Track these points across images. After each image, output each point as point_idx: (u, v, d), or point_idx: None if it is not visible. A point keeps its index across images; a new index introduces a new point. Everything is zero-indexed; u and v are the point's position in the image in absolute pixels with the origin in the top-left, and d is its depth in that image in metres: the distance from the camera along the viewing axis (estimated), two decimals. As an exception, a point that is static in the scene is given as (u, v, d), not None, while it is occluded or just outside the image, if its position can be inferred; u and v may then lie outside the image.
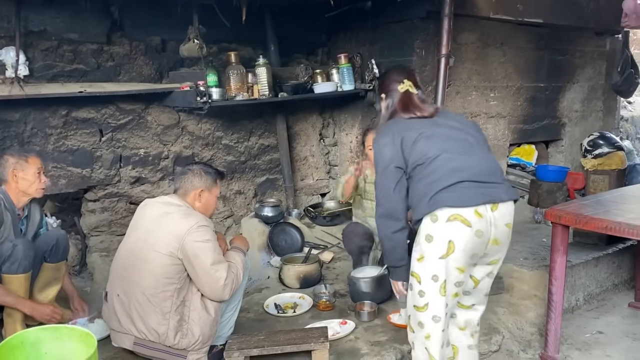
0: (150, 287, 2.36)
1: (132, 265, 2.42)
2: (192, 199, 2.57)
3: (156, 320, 2.36)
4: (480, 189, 2.05)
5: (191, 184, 2.57)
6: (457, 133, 2.22)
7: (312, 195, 4.92)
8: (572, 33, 5.14)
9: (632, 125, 8.27)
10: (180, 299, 2.40)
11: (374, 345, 2.76)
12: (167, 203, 2.53)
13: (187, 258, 2.37)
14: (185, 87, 3.70)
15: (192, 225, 2.39)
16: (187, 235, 2.37)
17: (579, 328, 3.30)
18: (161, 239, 2.38)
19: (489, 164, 2.16)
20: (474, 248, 2.07)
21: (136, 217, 2.58)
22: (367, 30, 4.49)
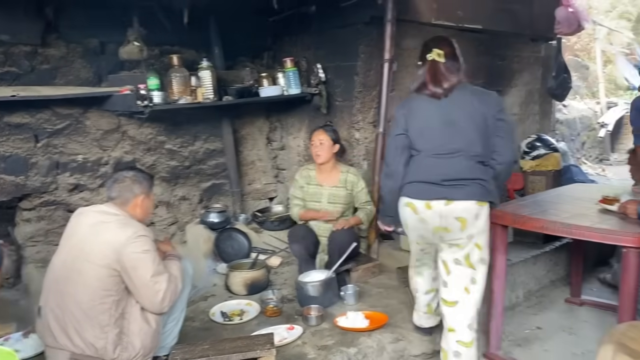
0: (86, 299, 2.26)
1: (67, 278, 2.31)
2: (133, 206, 2.46)
3: (94, 334, 2.26)
4: (437, 188, 2.47)
5: (131, 192, 2.47)
6: (449, 130, 2.51)
7: (259, 200, 4.88)
8: (510, 39, 5.33)
9: (567, 127, 8.67)
10: (119, 311, 2.30)
11: (321, 349, 2.76)
12: (103, 212, 2.41)
13: (125, 270, 2.28)
14: (125, 91, 3.59)
15: (130, 235, 2.30)
16: (125, 246, 2.27)
17: (520, 324, 3.42)
18: (97, 249, 2.28)
19: (460, 170, 2.49)
20: (418, 230, 2.59)
21: (70, 227, 2.45)
22: (312, 34, 4.50)
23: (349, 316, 3.05)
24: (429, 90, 2.55)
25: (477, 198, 2.48)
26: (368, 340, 2.86)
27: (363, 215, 3.76)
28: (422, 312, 2.94)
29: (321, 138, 3.71)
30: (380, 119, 3.93)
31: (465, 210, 2.46)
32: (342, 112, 4.39)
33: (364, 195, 3.80)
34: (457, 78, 2.56)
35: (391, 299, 3.41)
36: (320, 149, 3.70)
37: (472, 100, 2.53)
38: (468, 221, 2.47)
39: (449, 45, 2.64)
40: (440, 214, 2.47)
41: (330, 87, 4.39)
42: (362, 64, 4.22)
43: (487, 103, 2.55)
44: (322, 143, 3.70)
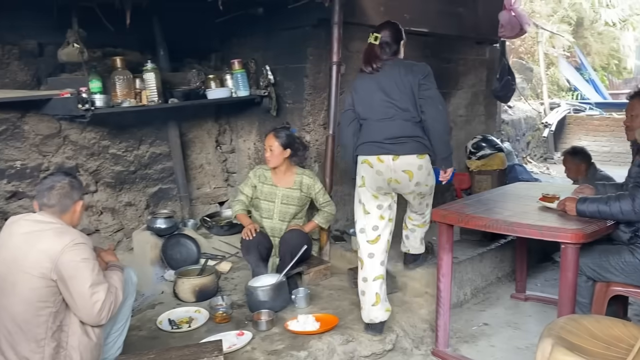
0: (21, 312, 2.15)
1: (1, 292, 2.19)
2: (71, 213, 2.36)
3: (29, 349, 2.15)
4: (384, 145, 2.97)
5: (71, 198, 2.35)
6: (385, 100, 2.99)
7: (209, 205, 4.80)
8: (455, 42, 5.45)
9: (512, 127, 8.96)
10: (56, 323, 2.20)
11: (271, 354, 2.74)
12: (37, 221, 2.29)
13: (62, 279, 2.17)
14: (66, 94, 3.46)
15: (68, 243, 2.19)
16: (62, 255, 2.16)
17: (467, 321, 3.49)
18: (33, 259, 2.16)
19: (398, 130, 2.97)
20: (377, 181, 3.01)
21: (1, 237, 2.32)
22: (260, 36, 4.47)
23: (299, 320, 3.03)
24: (364, 68, 3.07)
25: (417, 152, 2.98)
26: (318, 343, 2.85)
27: (321, 219, 3.78)
28: (370, 304, 3.00)
29: (270, 144, 3.66)
30: (330, 121, 3.93)
31: (409, 164, 2.97)
32: (292, 114, 4.37)
33: (321, 197, 3.80)
34: (387, 56, 3.04)
35: (342, 301, 3.42)
36: (270, 155, 3.67)
37: (399, 71, 2.98)
38: (414, 172, 2.99)
39: (388, 29, 3.09)
40: (390, 168, 2.98)
41: (279, 89, 4.37)
42: (311, 66, 4.22)
43: (413, 72, 2.97)
44: (271, 150, 3.66)
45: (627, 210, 2.60)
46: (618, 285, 2.79)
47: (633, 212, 2.60)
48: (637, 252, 2.70)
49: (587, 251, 2.78)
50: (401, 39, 3.14)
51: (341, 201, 4.59)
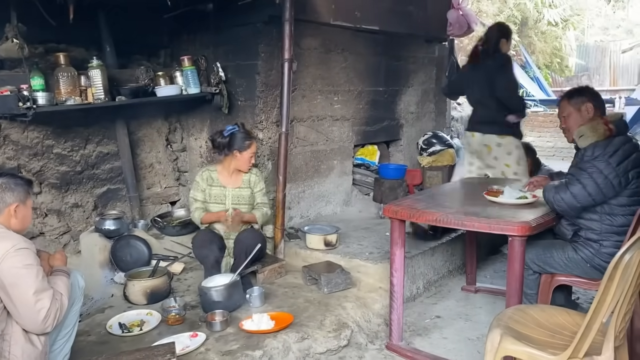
0: None
1: None
2: (6, 217, 2.23)
3: None
4: (475, 126, 4.58)
5: (2, 201, 2.22)
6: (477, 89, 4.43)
7: (160, 205, 4.70)
8: (405, 40, 5.54)
9: (461, 124, 9.14)
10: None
11: (225, 354, 2.70)
12: None
13: (3, 287, 2.07)
14: (5, 92, 3.31)
15: (9, 249, 2.08)
16: (3, 261, 2.06)
17: (420, 314, 3.56)
18: None
19: (482, 113, 4.48)
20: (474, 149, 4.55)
21: None
22: (210, 32, 4.41)
23: (254, 319, 3.01)
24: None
25: (497, 132, 4.29)
26: (274, 342, 2.84)
27: (259, 214, 3.71)
28: None
29: (255, 152, 3.69)
30: (282, 118, 3.91)
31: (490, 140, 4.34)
32: (244, 112, 4.33)
33: (259, 197, 3.75)
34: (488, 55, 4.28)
35: (297, 298, 3.42)
36: (253, 161, 3.68)
37: (489, 70, 4.23)
38: (492, 147, 4.30)
39: (493, 31, 4.36)
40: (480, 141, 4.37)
41: (231, 86, 4.32)
42: (263, 63, 4.19)
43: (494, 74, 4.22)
44: (254, 156, 3.70)
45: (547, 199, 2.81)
46: (562, 276, 2.91)
47: (553, 204, 2.77)
48: (579, 250, 2.82)
49: (532, 247, 2.89)
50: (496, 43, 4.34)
51: (295, 199, 4.59)
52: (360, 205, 5.15)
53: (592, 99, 2.86)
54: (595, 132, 2.73)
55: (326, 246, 3.94)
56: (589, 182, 2.67)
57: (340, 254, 3.84)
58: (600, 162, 2.66)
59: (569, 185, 2.73)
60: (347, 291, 3.50)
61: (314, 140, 4.74)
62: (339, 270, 3.57)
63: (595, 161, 2.67)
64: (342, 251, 3.91)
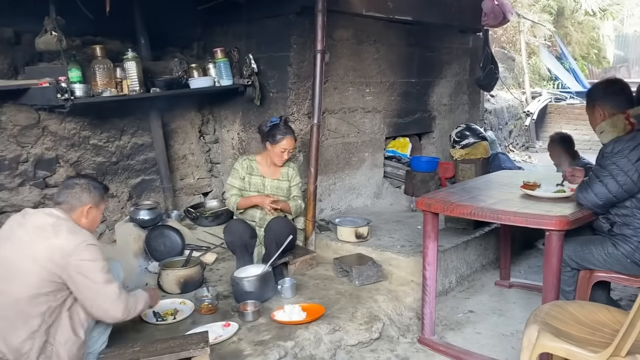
0: (23, 300, 2.15)
1: (6, 276, 2.19)
2: (78, 215, 2.37)
3: (21, 339, 2.15)
4: None
5: (79, 200, 2.37)
6: None
7: (193, 195, 4.76)
8: (439, 31, 5.45)
9: (494, 117, 9.01)
10: (52, 318, 2.21)
11: (258, 344, 2.72)
12: (53, 215, 2.30)
13: (72, 277, 2.20)
14: (44, 84, 3.37)
15: (80, 243, 2.22)
16: (74, 253, 2.19)
17: (453, 309, 3.51)
18: (46, 252, 2.18)
19: None
20: None
21: (11, 225, 2.32)
22: (243, 24, 4.42)
23: (286, 309, 3.02)
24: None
25: None
26: (305, 333, 2.84)
27: (293, 205, 3.74)
28: None
29: (292, 148, 3.68)
30: (314, 110, 3.90)
31: None
32: (276, 103, 4.33)
33: (295, 190, 3.80)
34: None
35: (328, 290, 3.42)
36: (288, 156, 3.68)
37: None
38: None
39: None
40: None
41: (263, 78, 4.32)
42: (295, 55, 4.18)
43: None
44: (291, 151, 3.69)
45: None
46: (601, 272, 2.83)
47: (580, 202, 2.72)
48: (619, 245, 2.74)
49: (570, 243, 2.81)
50: None
51: (326, 191, 4.58)
52: (391, 198, 5.12)
53: (604, 100, 2.78)
54: (615, 127, 2.69)
55: (357, 238, 3.93)
56: (609, 181, 2.63)
57: (372, 247, 3.82)
58: (620, 158, 2.61)
59: (591, 183, 2.70)
60: (379, 284, 3.48)
61: (345, 132, 4.71)
62: (371, 262, 3.55)
63: (615, 157, 2.62)
64: (374, 244, 3.89)
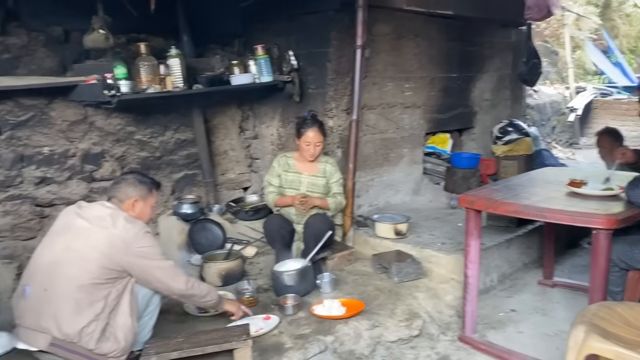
0: (86, 286, 2.27)
1: (69, 263, 2.30)
2: (126, 207, 2.51)
3: (84, 321, 2.25)
4: None
5: (125, 194, 2.52)
6: None
7: (233, 190, 4.82)
8: (481, 25, 5.35)
9: (537, 112, 8.80)
10: (114, 302, 2.34)
11: (298, 338, 2.75)
12: (107, 206, 2.46)
13: (134, 262, 2.37)
14: (92, 80, 3.48)
15: (138, 230, 2.40)
16: (133, 242, 2.36)
17: (494, 307, 3.46)
18: (107, 240, 2.32)
19: None
20: None
21: (69, 216, 2.47)
22: (283, 21, 4.44)
23: (325, 304, 3.04)
24: None
25: None
26: (345, 328, 2.85)
27: (332, 202, 3.70)
28: None
29: (319, 140, 3.64)
30: (353, 106, 3.90)
31: None
32: (315, 99, 4.35)
33: (336, 187, 3.75)
34: None
35: (367, 286, 3.42)
36: (316, 150, 3.65)
37: None
38: None
39: None
40: None
41: (302, 74, 4.34)
42: (334, 51, 4.18)
43: None
44: (318, 145, 3.65)
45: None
46: (652, 272, 2.74)
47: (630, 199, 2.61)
48: None
49: (618, 243, 2.72)
50: None
51: (364, 187, 4.57)
52: (431, 194, 5.06)
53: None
54: None
55: (396, 235, 3.91)
56: None
57: (411, 244, 3.80)
58: None
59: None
60: (418, 281, 3.46)
61: (383, 128, 4.69)
62: (410, 259, 3.53)
63: None
64: (413, 241, 3.86)
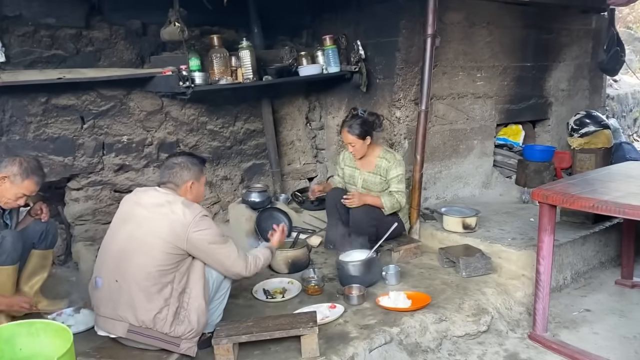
0: (153, 273, 2.35)
1: (135, 251, 2.39)
2: (183, 192, 2.56)
3: (157, 307, 2.34)
4: None
5: (180, 178, 2.56)
6: None
7: (299, 180, 4.89)
8: (558, 11, 5.11)
9: (618, 103, 8.31)
10: (181, 286, 2.40)
11: (363, 328, 2.75)
12: (164, 193, 2.51)
13: (197, 247, 2.42)
14: (168, 72, 3.62)
15: (197, 214, 2.43)
16: (192, 226, 2.39)
17: (567, 306, 3.32)
18: (167, 226, 2.38)
19: None
20: None
21: (130, 204, 2.55)
22: (351, 11, 4.43)
23: (391, 296, 3.03)
24: None
25: None
26: (410, 320, 2.84)
27: (387, 199, 3.59)
28: None
29: (350, 141, 3.59)
30: (422, 96, 3.83)
31: None
32: (382, 90, 4.32)
33: (394, 184, 3.64)
34: None
35: (433, 280, 3.38)
36: (353, 150, 3.64)
37: None
38: None
39: None
40: None
41: (370, 64, 4.32)
42: (404, 40, 4.12)
43: None
44: (353, 145, 3.61)
45: None
46: None
47: None
48: None
49: None
50: None
51: (431, 179, 4.50)
52: (501, 188, 4.91)
53: None
54: None
55: (464, 229, 3.82)
56: None
57: (480, 238, 3.71)
58: None
59: None
60: (487, 276, 3.38)
61: (453, 118, 4.59)
62: (479, 254, 3.45)
63: None
64: (482, 235, 3.77)
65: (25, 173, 2.72)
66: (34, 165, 2.81)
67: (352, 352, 2.55)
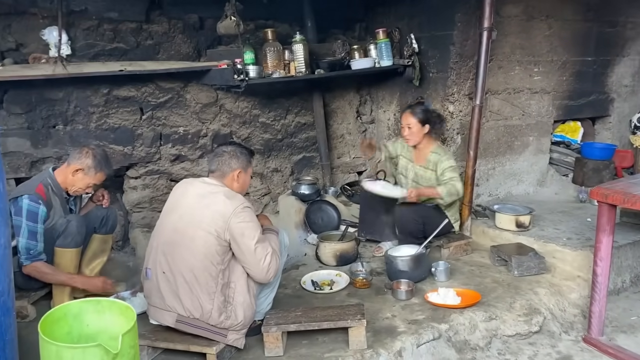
0: (197, 265, 2.37)
1: (179, 243, 2.42)
2: (230, 180, 2.57)
3: (203, 299, 2.37)
4: None
5: (228, 166, 2.57)
6: None
7: (348, 174, 4.89)
8: (623, 3, 4.87)
9: (685, 100, 7.85)
10: (225, 279, 2.41)
11: (411, 323, 2.75)
12: (208, 183, 2.53)
13: (234, 238, 2.39)
14: (223, 65, 3.70)
15: (238, 206, 2.42)
16: (233, 216, 2.38)
17: (625, 310, 3.20)
18: (208, 218, 2.39)
19: None
20: None
21: (176, 195, 2.59)
22: (405, 4, 4.39)
23: (440, 292, 3.00)
24: None
25: None
26: (460, 318, 2.81)
27: (443, 188, 3.45)
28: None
29: (409, 122, 3.53)
30: (477, 90, 3.76)
31: None
32: (435, 84, 4.26)
33: (448, 173, 3.49)
34: None
35: (484, 278, 3.32)
36: (408, 133, 3.55)
37: None
38: None
39: None
40: None
41: (423, 58, 4.26)
42: (459, 33, 4.05)
43: None
44: (410, 127, 3.53)
45: None
46: None
47: None
48: None
49: None
50: None
51: (484, 175, 4.42)
52: (557, 186, 4.76)
53: None
54: None
55: (518, 227, 3.73)
56: None
57: (534, 237, 3.62)
58: None
59: None
60: (540, 276, 3.30)
61: (508, 114, 4.48)
62: (532, 253, 3.37)
63: None
64: (536, 234, 3.67)
65: (99, 166, 2.91)
66: (105, 157, 3.00)
67: (399, 346, 2.55)
